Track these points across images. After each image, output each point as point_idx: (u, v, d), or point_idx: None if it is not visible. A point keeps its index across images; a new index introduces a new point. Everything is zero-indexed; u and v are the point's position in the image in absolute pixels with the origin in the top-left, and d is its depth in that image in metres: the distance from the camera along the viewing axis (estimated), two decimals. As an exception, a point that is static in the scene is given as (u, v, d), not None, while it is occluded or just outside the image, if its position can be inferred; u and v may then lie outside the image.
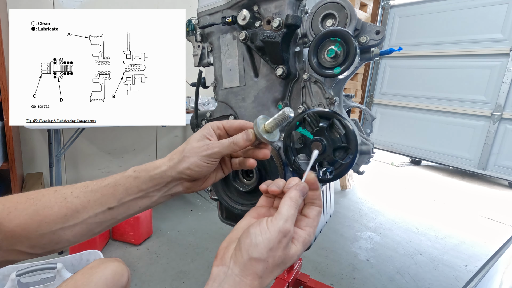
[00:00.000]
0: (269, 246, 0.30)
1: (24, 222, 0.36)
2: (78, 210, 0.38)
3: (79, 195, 0.38)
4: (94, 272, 0.61)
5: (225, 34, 0.74)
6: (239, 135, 0.42)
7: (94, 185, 0.39)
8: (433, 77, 2.31)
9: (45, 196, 0.38)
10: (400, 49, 0.67)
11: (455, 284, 1.62)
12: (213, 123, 0.44)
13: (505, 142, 2.01)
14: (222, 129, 0.44)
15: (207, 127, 0.43)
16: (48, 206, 0.37)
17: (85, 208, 0.38)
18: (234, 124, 0.44)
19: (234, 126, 0.44)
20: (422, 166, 4.65)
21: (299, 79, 0.69)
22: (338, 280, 1.56)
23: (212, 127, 0.43)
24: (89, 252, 1.28)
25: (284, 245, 0.31)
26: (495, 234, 2.32)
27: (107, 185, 0.38)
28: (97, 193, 0.38)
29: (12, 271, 1.07)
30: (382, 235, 2.11)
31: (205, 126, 0.43)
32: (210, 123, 0.44)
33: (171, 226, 1.98)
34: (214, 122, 0.44)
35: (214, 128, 0.43)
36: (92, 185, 0.39)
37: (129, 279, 0.69)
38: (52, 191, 0.38)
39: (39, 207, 0.37)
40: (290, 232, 0.32)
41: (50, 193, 0.38)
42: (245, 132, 0.42)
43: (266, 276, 0.31)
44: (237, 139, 0.41)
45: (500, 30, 1.97)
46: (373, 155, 0.67)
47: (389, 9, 2.56)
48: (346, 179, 3.02)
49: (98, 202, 0.38)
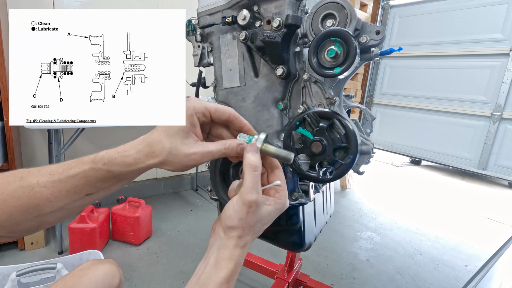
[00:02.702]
0: (239, 216, 0.38)
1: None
2: (51, 200, 0.35)
3: (46, 185, 0.35)
4: (85, 273, 0.60)
5: (225, 34, 0.74)
6: (233, 146, 0.40)
7: (60, 174, 0.35)
8: (433, 77, 2.31)
9: (11, 184, 0.35)
10: (400, 49, 0.67)
11: (455, 284, 1.62)
12: (198, 108, 0.38)
13: (505, 142, 2.01)
14: (208, 117, 0.40)
15: (193, 115, 0.38)
16: (16, 196, 0.35)
17: (58, 198, 0.36)
18: (222, 116, 0.40)
19: (222, 119, 0.40)
20: (422, 166, 4.65)
21: (299, 79, 0.69)
22: (338, 280, 1.56)
23: (197, 115, 0.38)
24: (89, 252, 1.27)
25: (252, 212, 0.38)
26: (495, 234, 2.32)
27: (76, 176, 0.35)
28: (66, 184, 0.35)
29: (12, 271, 1.07)
30: (382, 235, 2.11)
31: (190, 114, 0.37)
32: (194, 107, 0.38)
33: (171, 226, 1.98)
34: (200, 106, 0.38)
35: (200, 115, 0.39)
36: (58, 173, 0.35)
37: (121, 281, 0.67)
38: (18, 177, 0.36)
39: (7, 197, 0.35)
40: (255, 201, 0.37)
41: (16, 180, 0.35)
42: (241, 146, 0.40)
43: (245, 235, 0.39)
44: (230, 150, 0.39)
45: (500, 30, 1.97)
46: (373, 155, 0.67)
47: (389, 9, 2.56)
48: (346, 179, 3.02)
49: (72, 192, 0.36)
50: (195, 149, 0.37)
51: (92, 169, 0.35)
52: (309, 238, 0.81)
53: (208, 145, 0.38)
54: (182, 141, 0.36)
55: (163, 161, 0.36)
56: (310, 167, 0.58)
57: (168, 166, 0.37)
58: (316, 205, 0.86)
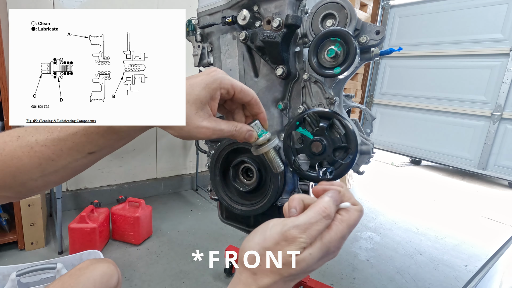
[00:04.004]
0: (264, 244, 0.30)
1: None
2: (53, 159, 0.34)
3: (46, 143, 0.34)
4: (82, 273, 0.60)
5: (225, 34, 0.74)
6: (243, 130, 0.39)
7: (60, 132, 0.34)
8: (433, 77, 2.31)
9: (8, 144, 0.34)
10: (400, 49, 0.67)
11: (455, 284, 1.62)
12: (224, 84, 0.36)
13: (505, 142, 2.01)
14: (231, 95, 0.38)
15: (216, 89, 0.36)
16: (16, 156, 0.33)
17: (60, 157, 0.34)
18: (245, 98, 0.39)
19: (243, 100, 0.39)
20: (422, 166, 4.65)
21: (299, 79, 0.69)
22: (338, 280, 1.56)
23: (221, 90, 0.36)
24: (89, 252, 1.27)
25: (282, 247, 0.29)
26: (495, 234, 2.32)
27: (76, 134, 0.34)
28: (67, 142, 0.34)
29: (12, 271, 1.07)
30: (382, 235, 2.11)
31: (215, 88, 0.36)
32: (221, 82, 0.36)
33: (171, 226, 1.98)
34: (227, 82, 0.37)
35: (224, 91, 0.37)
36: (57, 131, 0.34)
37: (119, 280, 0.67)
38: (14, 137, 0.34)
39: (6, 158, 0.33)
40: (295, 238, 0.29)
41: (13, 140, 0.34)
42: (250, 132, 0.40)
43: (261, 274, 0.29)
44: (239, 133, 0.39)
45: (500, 30, 1.97)
46: (373, 155, 0.67)
47: (389, 9, 2.56)
48: (346, 179, 3.02)
49: (75, 150, 0.34)
50: (207, 124, 0.35)
51: (92, 126, 0.33)
52: (309, 238, 0.81)
53: (220, 123, 0.37)
54: (196, 112, 0.35)
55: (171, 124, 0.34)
56: (310, 167, 0.58)
57: (173, 131, 0.35)
58: (316, 205, 0.85)
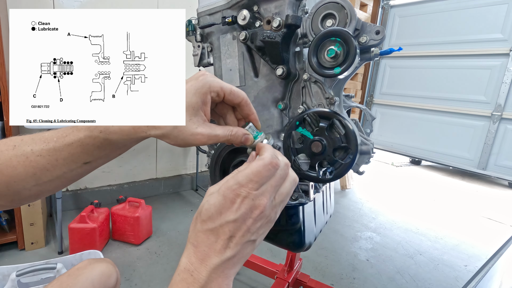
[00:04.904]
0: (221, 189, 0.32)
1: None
2: (48, 169, 0.34)
3: (41, 153, 0.34)
4: (81, 273, 0.60)
5: (225, 34, 0.74)
6: (239, 134, 0.39)
7: (55, 142, 0.34)
8: (433, 77, 2.31)
9: (4, 153, 0.34)
10: (400, 49, 0.67)
11: (455, 284, 1.62)
12: (214, 87, 0.36)
13: (505, 142, 2.01)
14: (222, 97, 0.38)
15: (207, 93, 0.36)
16: (11, 165, 0.33)
17: (55, 167, 0.34)
18: (235, 100, 0.39)
19: (234, 102, 0.39)
20: (422, 166, 4.65)
21: (299, 79, 0.69)
22: (338, 280, 1.56)
23: (212, 94, 0.36)
24: (89, 252, 1.27)
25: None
26: (495, 234, 2.32)
27: (71, 144, 0.34)
28: (63, 152, 0.34)
29: (12, 271, 1.07)
30: (382, 235, 2.11)
31: (205, 92, 0.35)
32: (210, 86, 0.36)
33: (171, 226, 1.98)
34: (216, 85, 0.37)
35: (214, 94, 0.37)
36: (53, 141, 0.34)
37: (118, 280, 0.67)
38: (10, 146, 0.34)
39: (1, 167, 0.33)
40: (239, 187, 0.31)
41: (9, 149, 0.34)
42: (246, 136, 0.39)
43: None
44: (235, 138, 0.39)
45: (500, 30, 1.97)
46: (373, 155, 0.67)
47: (389, 9, 2.56)
48: (346, 179, 3.02)
49: (70, 160, 0.35)
50: (202, 130, 0.35)
51: (88, 137, 0.34)
52: (309, 238, 0.81)
53: (215, 129, 0.37)
54: (190, 118, 0.34)
55: (166, 134, 0.34)
56: (310, 167, 0.58)
57: (169, 140, 0.35)
58: (316, 205, 0.86)
